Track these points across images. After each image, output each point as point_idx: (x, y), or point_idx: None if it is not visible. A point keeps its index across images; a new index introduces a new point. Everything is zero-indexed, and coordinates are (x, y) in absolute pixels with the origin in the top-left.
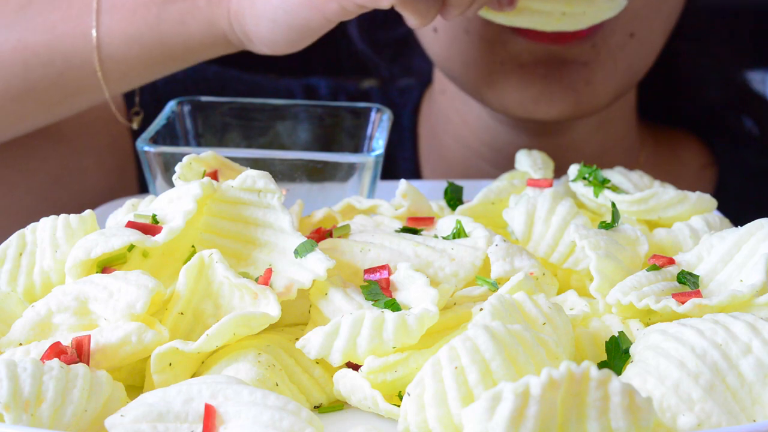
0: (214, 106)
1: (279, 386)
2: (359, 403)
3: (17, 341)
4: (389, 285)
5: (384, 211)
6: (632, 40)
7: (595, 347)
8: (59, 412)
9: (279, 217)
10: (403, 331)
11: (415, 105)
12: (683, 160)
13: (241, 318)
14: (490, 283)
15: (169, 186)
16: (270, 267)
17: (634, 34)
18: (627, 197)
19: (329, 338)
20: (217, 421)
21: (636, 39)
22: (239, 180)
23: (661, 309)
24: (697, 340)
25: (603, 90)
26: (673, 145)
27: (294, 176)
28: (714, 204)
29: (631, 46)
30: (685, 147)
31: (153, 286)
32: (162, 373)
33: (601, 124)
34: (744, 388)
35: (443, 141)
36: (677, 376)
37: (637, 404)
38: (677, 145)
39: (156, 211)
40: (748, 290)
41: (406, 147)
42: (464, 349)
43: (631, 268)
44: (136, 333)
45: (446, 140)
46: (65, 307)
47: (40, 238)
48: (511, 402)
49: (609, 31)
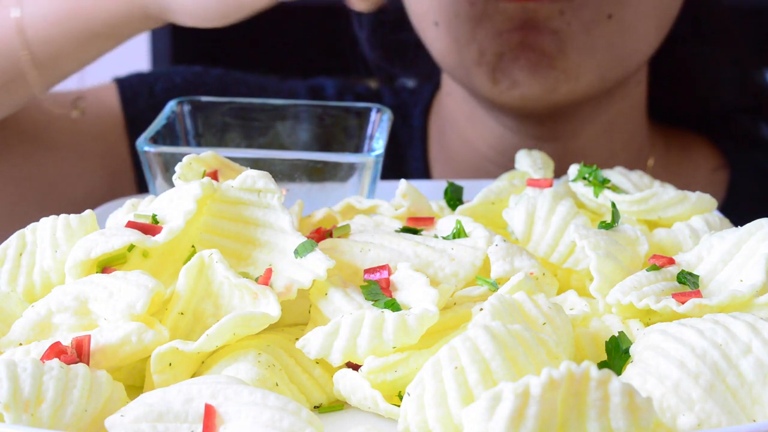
0: (214, 106)
1: (279, 386)
2: (359, 403)
3: (17, 341)
4: (389, 285)
5: (384, 211)
6: (611, 21)
7: (595, 347)
8: (59, 412)
9: (279, 217)
10: (403, 331)
11: (426, 105)
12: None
13: (241, 318)
14: (490, 283)
15: (169, 186)
16: (270, 267)
17: (612, 16)
18: (627, 197)
19: (329, 338)
20: (217, 421)
21: (615, 21)
22: (239, 180)
23: (661, 309)
24: (697, 340)
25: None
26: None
27: (294, 176)
28: (714, 204)
29: (610, 27)
30: (697, 149)
31: (153, 286)
32: (162, 373)
33: (608, 127)
34: (744, 388)
35: (451, 142)
36: (677, 376)
37: (637, 404)
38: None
39: (156, 211)
40: (748, 290)
41: (416, 147)
42: (464, 349)
43: (631, 268)
44: (136, 333)
45: (454, 141)
46: (65, 307)
47: (40, 238)
48: (511, 402)
49: (580, 3)
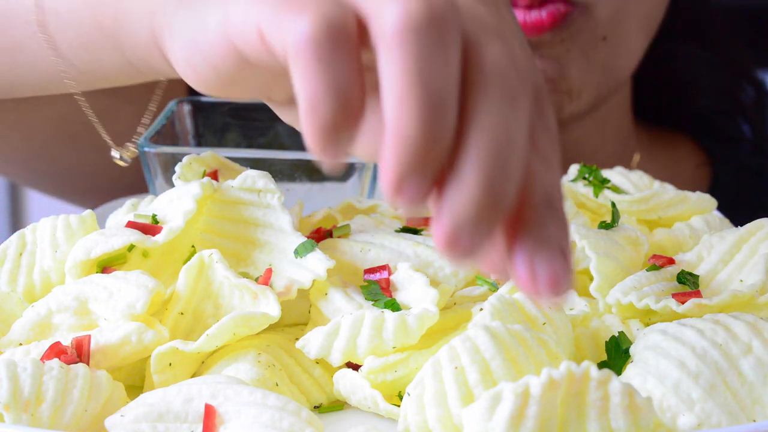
0: (214, 106)
1: (279, 386)
2: (359, 403)
3: (17, 341)
4: (389, 285)
5: (384, 211)
6: (605, 44)
7: (595, 347)
8: (59, 412)
9: (279, 217)
10: (403, 331)
11: None
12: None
13: (241, 318)
14: (490, 283)
15: (169, 186)
16: (270, 267)
17: (607, 38)
18: (627, 197)
19: (329, 338)
20: (217, 421)
21: (609, 42)
22: (239, 180)
23: (661, 309)
24: (698, 340)
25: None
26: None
27: (294, 176)
28: (714, 204)
29: (605, 48)
30: (680, 146)
31: (153, 286)
32: (162, 373)
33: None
34: (744, 388)
35: None
36: (677, 376)
37: (637, 404)
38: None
39: (156, 211)
40: (748, 290)
41: None
42: (464, 349)
43: (631, 268)
44: (136, 333)
45: None
46: (65, 307)
47: (40, 238)
48: (511, 402)
49: (576, 30)
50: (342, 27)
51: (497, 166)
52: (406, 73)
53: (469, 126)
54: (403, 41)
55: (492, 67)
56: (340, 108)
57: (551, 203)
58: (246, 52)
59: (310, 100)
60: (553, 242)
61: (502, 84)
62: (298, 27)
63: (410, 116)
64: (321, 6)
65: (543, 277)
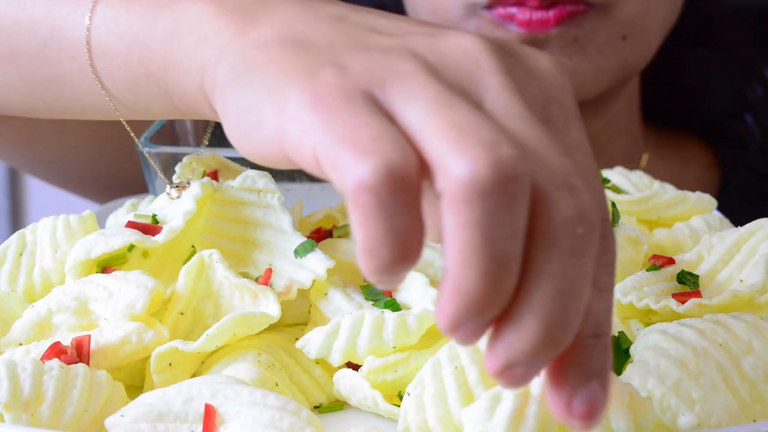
0: None
1: (279, 386)
2: (359, 403)
3: (17, 341)
4: None
5: None
6: (625, 42)
7: None
8: (59, 412)
9: (279, 217)
10: (403, 331)
11: None
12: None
13: (241, 318)
14: None
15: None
16: (270, 267)
17: (627, 37)
18: (627, 197)
19: (329, 338)
20: (217, 421)
21: (629, 41)
22: (239, 180)
23: (661, 309)
24: (698, 340)
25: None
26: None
27: (294, 176)
28: (714, 204)
29: (625, 47)
30: (690, 147)
31: (153, 286)
32: (162, 373)
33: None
34: (744, 388)
35: None
36: (677, 376)
37: (637, 404)
38: (681, 145)
39: (156, 211)
40: (748, 290)
41: None
42: (464, 349)
43: (631, 268)
44: (136, 333)
45: None
46: (65, 307)
47: (40, 238)
48: (511, 402)
49: (591, 29)
50: (404, 173)
51: (557, 317)
52: (470, 230)
53: (532, 276)
54: (468, 201)
55: (560, 222)
56: (399, 253)
57: (599, 334)
58: (300, 164)
59: (368, 245)
60: (594, 376)
61: (569, 239)
62: (358, 171)
63: (471, 272)
64: (384, 150)
65: (579, 411)
